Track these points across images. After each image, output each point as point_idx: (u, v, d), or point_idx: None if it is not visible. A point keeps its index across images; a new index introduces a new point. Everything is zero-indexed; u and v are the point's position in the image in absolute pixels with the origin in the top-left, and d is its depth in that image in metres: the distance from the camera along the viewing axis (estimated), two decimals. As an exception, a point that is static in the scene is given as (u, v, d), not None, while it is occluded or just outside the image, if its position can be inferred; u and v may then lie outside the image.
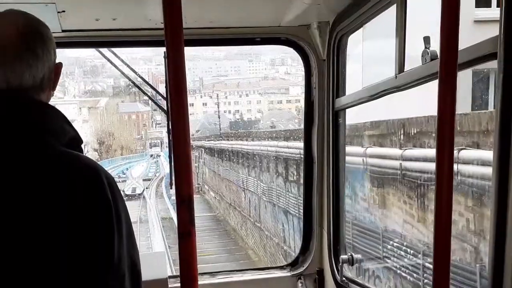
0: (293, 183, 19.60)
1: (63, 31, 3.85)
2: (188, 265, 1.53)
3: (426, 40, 2.73)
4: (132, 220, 2.21)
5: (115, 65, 4.37)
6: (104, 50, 4.50)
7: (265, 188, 24.64)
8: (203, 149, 44.25)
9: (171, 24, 1.43)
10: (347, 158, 4.52)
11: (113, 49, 4.50)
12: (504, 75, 1.94)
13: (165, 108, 4.25)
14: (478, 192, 7.26)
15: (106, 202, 2.01)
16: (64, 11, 3.47)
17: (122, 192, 2.19)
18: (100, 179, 2.04)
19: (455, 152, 6.69)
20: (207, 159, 42.73)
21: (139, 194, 44.65)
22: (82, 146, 2.21)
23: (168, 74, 1.48)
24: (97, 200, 2.00)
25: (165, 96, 4.12)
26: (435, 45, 1.94)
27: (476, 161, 7.27)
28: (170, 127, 1.48)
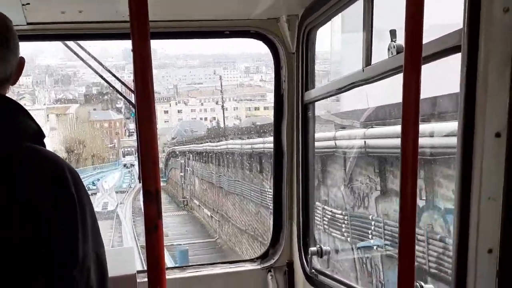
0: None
1: (28, 24, 3.78)
2: (156, 259, 1.52)
3: (392, 33, 2.76)
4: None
5: (81, 58, 4.30)
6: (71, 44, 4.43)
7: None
8: (190, 155, 38.36)
9: (137, 16, 1.42)
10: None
11: (79, 42, 4.42)
12: (467, 67, 1.98)
13: (134, 102, 4.21)
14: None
15: (70, 197, 1.99)
16: (28, 4, 3.40)
17: None
18: (64, 174, 2.02)
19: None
20: (196, 166, 36.64)
21: (111, 211, 36.49)
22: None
23: (135, 67, 1.47)
24: (61, 195, 1.98)
25: (132, 89, 4.09)
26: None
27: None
28: (137, 121, 1.46)
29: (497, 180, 1.96)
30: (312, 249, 4.34)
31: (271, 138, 4.78)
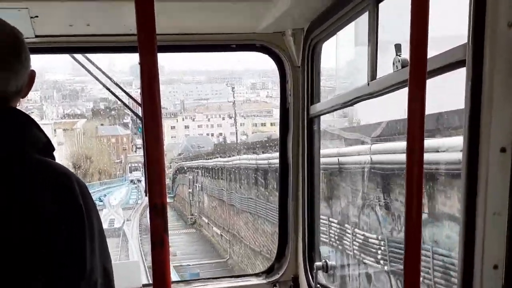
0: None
1: (37, 36, 3.81)
2: (161, 274, 1.52)
3: (397, 47, 2.77)
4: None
5: (89, 71, 4.33)
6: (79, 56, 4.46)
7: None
8: (199, 171, 36.77)
9: (144, 30, 1.43)
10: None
11: (87, 55, 4.46)
12: (472, 82, 1.98)
13: (140, 115, 4.23)
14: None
15: (78, 210, 2.00)
16: (37, 16, 3.44)
17: None
18: (72, 186, 2.03)
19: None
20: (205, 183, 34.90)
21: (118, 229, 34.86)
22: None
23: (142, 80, 1.48)
24: (69, 208, 1.99)
25: (139, 102, 4.11)
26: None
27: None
28: (144, 134, 1.47)
29: (503, 195, 1.96)
30: (318, 263, 4.32)
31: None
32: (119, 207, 45.05)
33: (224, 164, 31.01)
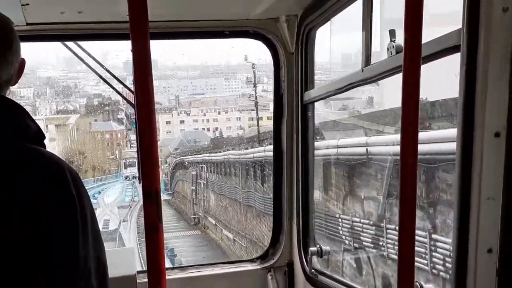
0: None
1: (28, 24, 3.78)
2: (156, 260, 1.52)
3: (392, 33, 2.76)
4: None
5: (81, 58, 4.30)
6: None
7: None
8: (204, 166, 32.48)
9: (136, 16, 1.42)
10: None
11: (79, 42, 4.42)
12: (467, 67, 1.98)
13: (134, 103, 4.21)
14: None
15: (70, 199, 1.99)
16: (28, 4, 3.40)
17: None
18: (64, 175, 2.02)
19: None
20: (212, 179, 30.93)
21: (114, 231, 30.95)
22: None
23: (134, 67, 1.47)
24: (61, 197, 1.98)
25: (132, 90, 4.08)
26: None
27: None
28: (137, 121, 1.47)
29: (497, 179, 1.96)
30: (312, 249, 4.34)
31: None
32: (114, 206, 41.64)
33: (239, 157, 26.77)
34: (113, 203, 42.96)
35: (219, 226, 29.21)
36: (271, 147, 4.84)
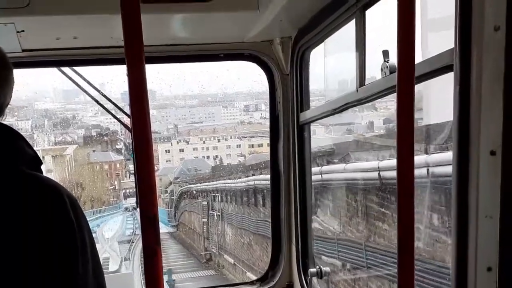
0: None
1: (23, 50, 3.80)
2: (154, 284, 1.51)
3: (385, 54, 2.78)
4: None
5: (75, 82, 4.32)
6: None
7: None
8: (217, 195, 28.15)
9: (131, 41, 1.43)
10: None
11: (76, 69, 4.44)
12: (460, 87, 1.99)
13: (130, 127, 4.21)
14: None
15: (69, 224, 1.99)
16: (23, 31, 3.42)
17: None
18: (63, 200, 2.02)
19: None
20: (229, 210, 26.43)
21: (114, 272, 23.73)
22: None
23: (130, 91, 1.48)
24: (60, 222, 1.98)
25: (128, 113, 4.09)
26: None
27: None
28: (133, 144, 1.47)
29: (494, 198, 1.96)
30: (312, 270, 4.32)
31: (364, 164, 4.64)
32: (115, 241, 37.89)
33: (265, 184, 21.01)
34: (113, 238, 39.41)
35: (240, 266, 24.59)
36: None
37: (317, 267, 4.34)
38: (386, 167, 8.75)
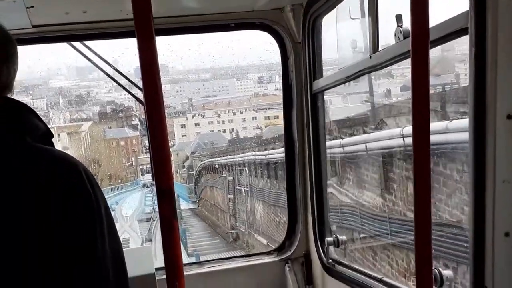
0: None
1: (33, 26, 3.79)
2: (173, 256, 1.53)
3: (398, 18, 2.73)
4: None
5: (88, 57, 4.30)
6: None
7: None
8: (244, 169, 25.45)
9: (140, 13, 1.42)
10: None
11: (86, 42, 4.43)
12: (476, 49, 1.95)
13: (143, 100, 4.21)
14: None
15: (86, 195, 2.00)
16: (32, 7, 3.41)
17: None
18: (79, 172, 2.02)
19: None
20: (260, 185, 23.42)
21: None
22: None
23: (141, 64, 1.47)
24: (78, 194, 1.99)
25: (141, 87, 4.09)
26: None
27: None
28: (146, 119, 1.47)
29: (511, 162, 1.94)
30: (329, 239, 4.33)
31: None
32: (134, 220, 35.96)
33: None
34: (133, 216, 37.43)
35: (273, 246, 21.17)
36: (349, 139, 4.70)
37: (334, 236, 4.35)
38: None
